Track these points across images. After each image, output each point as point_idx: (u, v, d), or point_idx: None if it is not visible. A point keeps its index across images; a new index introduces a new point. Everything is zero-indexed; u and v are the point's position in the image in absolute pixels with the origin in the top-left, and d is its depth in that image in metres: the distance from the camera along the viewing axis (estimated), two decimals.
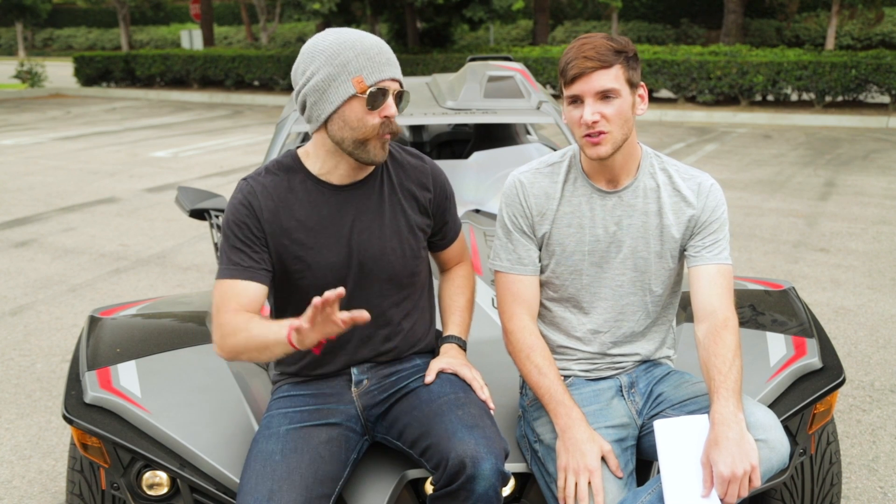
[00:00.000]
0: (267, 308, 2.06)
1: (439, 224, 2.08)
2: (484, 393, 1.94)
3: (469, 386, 1.95)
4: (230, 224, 1.90)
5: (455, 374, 1.97)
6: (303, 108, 1.88)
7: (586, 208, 2.00)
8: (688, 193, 1.99)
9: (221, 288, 1.86)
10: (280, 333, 1.68)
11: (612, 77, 1.83)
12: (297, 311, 1.94)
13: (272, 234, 1.90)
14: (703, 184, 2.00)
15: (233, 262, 1.87)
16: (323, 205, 1.92)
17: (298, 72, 1.86)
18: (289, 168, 1.95)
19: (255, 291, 1.86)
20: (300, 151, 1.98)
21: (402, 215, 1.98)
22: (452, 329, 2.10)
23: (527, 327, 2.01)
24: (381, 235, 1.95)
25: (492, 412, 1.91)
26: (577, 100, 1.87)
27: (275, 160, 1.98)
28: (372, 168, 1.95)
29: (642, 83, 1.91)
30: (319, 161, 1.93)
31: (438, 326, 2.22)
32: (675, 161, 2.06)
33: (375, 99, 1.81)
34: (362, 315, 1.57)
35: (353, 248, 1.93)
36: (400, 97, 1.88)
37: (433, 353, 2.10)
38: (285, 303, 1.99)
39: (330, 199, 1.92)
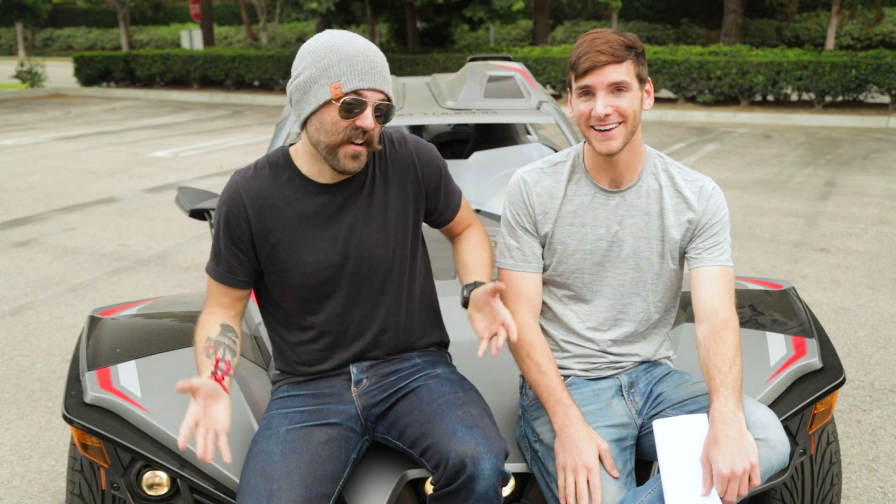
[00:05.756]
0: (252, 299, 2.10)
1: (435, 201, 2.06)
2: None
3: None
4: (220, 223, 1.95)
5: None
6: (290, 103, 1.88)
7: (589, 207, 2.00)
8: (689, 196, 1.99)
9: (210, 283, 2.01)
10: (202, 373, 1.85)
11: (624, 71, 1.84)
12: (286, 303, 1.99)
13: (258, 235, 1.92)
14: (705, 187, 2.00)
15: (220, 264, 1.96)
16: (310, 203, 1.92)
17: (293, 68, 1.86)
18: (278, 165, 1.95)
19: (234, 294, 1.99)
20: (291, 149, 1.98)
21: (392, 208, 1.97)
22: (478, 277, 1.98)
23: (529, 324, 2.01)
24: (370, 231, 1.94)
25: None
26: (587, 92, 1.86)
27: (265, 157, 1.99)
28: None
29: (648, 79, 1.92)
30: (306, 162, 1.93)
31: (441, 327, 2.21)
32: (678, 163, 2.06)
33: (350, 108, 1.77)
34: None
35: (342, 245, 1.93)
36: (384, 111, 1.81)
37: (434, 354, 2.09)
38: (275, 296, 1.99)
39: (318, 198, 1.92)
